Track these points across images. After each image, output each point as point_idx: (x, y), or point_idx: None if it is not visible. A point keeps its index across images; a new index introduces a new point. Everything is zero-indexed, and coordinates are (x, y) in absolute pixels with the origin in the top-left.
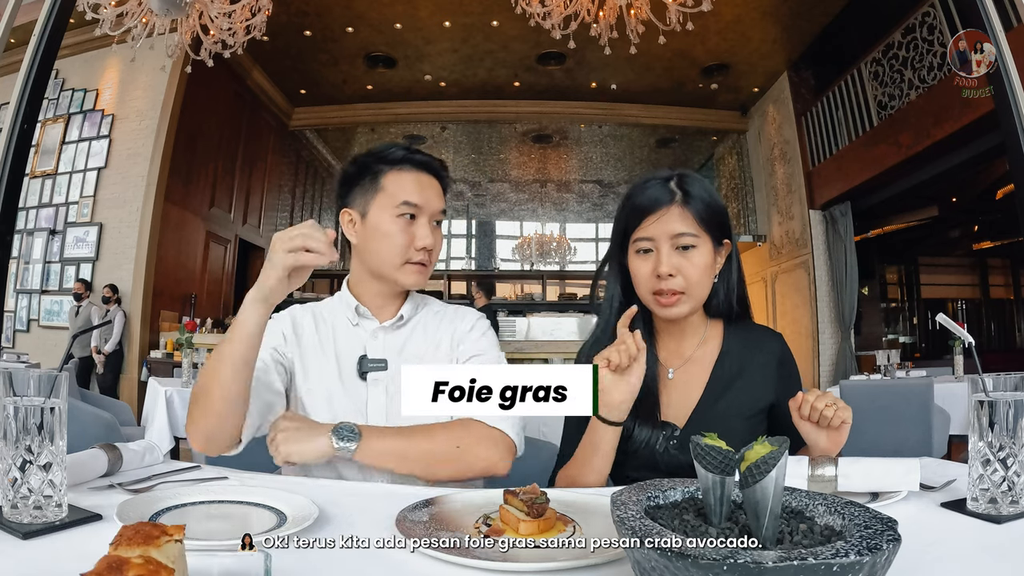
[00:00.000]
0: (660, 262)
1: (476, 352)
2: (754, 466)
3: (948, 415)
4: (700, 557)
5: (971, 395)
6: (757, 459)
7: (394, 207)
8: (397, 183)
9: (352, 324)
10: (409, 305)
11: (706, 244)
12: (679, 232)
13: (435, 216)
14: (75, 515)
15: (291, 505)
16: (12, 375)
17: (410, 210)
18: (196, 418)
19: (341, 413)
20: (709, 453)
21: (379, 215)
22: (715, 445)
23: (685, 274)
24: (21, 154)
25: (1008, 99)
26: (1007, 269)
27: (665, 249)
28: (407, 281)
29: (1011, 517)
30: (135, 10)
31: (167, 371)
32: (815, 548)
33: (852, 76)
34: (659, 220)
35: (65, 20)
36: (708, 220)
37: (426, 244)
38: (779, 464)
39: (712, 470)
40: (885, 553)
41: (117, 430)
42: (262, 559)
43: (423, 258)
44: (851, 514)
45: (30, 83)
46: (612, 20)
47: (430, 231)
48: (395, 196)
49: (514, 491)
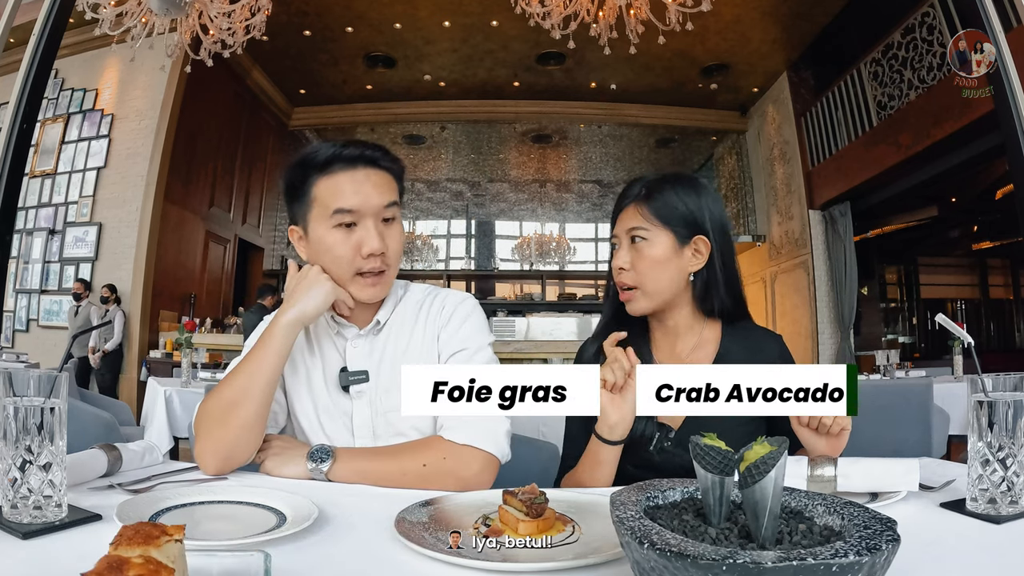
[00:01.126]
0: (616, 257)
1: (458, 347)
2: (753, 466)
3: (947, 415)
4: (699, 557)
5: (970, 395)
6: (756, 459)
7: (328, 217)
8: (327, 190)
9: (334, 333)
10: (386, 307)
11: (660, 237)
12: (631, 227)
13: (381, 213)
14: (75, 515)
15: (291, 505)
16: (12, 375)
17: (346, 218)
18: (217, 438)
19: (329, 428)
20: (708, 453)
21: (316, 229)
22: (714, 445)
23: (636, 267)
24: (20, 153)
25: (1008, 99)
26: (1007, 269)
27: (624, 244)
28: (361, 296)
29: (1010, 517)
30: (135, 10)
31: (166, 371)
32: (814, 548)
33: (852, 76)
34: (621, 218)
35: (65, 20)
36: (666, 215)
37: (372, 249)
38: (778, 465)
39: (711, 470)
40: (884, 553)
41: (117, 430)
42: (262, 559)
43: (374, 265)
44: (850, 514)
45: (30, 83)
46: (612, 20)
47: (376, 233)
48: (327, 205)
49: (513, 491)
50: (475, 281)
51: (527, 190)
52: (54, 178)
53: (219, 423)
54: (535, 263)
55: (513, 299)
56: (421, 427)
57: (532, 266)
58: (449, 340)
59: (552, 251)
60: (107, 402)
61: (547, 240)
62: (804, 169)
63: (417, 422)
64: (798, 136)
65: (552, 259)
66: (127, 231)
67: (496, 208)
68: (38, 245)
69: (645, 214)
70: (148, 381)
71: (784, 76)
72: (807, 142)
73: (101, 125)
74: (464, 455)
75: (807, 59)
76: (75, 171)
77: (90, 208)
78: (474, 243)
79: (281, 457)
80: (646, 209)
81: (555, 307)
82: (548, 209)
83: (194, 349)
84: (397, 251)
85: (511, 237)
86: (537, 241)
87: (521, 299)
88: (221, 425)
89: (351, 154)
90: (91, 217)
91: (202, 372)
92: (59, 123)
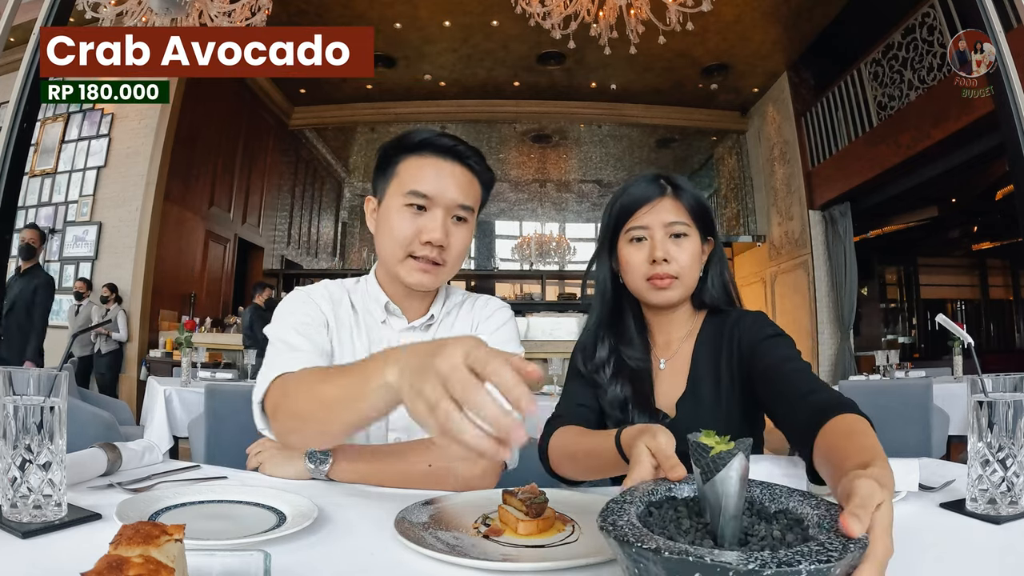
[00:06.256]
0: (655, 247)
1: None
2: (710, 460)
3: (947, 415)
4: (666, 550)
5: (970, 396)
6: (712, 455)
7: (402, 195)
8: (410, 170)
9: (380, 321)
10: (439, 303)
11: (695, 235)
12: (672, 220)
13: (453, 209)
14: (74, 514)
15: (291, 505)
16: (12, 374)
17: (418, 200)
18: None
19: None
20: (698, 450)
21: (388, 203)
22: (704, 443)
23: (678, 260)
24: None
25: (1008, 99)
26: (1006, 270)
27: (659, 236)
28: (408, 279)
29: (1010, 518)
30: (135, 9)
31: (166, 370)
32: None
33: (852, 76)
34: (652, 210)
35: (65, 20)
36: (696, 214)
37: (432, 238)
38: (731, 464)
39: (708, 473)
40: (858, 555)
41: (116, 429)
42: (262, 559)
43: (429, 254)
44: (825, 508)
45: (29, 82)
46: (612, 20)
47: (441, 224)
48: (405, 184)
49: (513, 491)
50: (475, 281)
51: (527, 190)
52: (54, 177)
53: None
54: (535, 263)
55: (513, 299)
56: None
57: (532, 266)
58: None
59: (552, 251)
60: (107, 401)
61: (547, 240)
62: (804, 169)
63: None
64: (798, 136)
65: (552, 259)
66: (127, 230)
67: (496, 208)
68: None
69: (682, 210)
70: (148, 380)
71: (784, 76)
72: (807, 142)
73: (101, 124)
74: (475, 456)
75: (807, 59)
76: (75, 170)
77: (90, 207)
78: (474, 243)
79: (281, 457)
80: (681, 204)
81: (555, 307)
82: (548, 209)
83: (194, 348)
84: (459, 251)
85: (511, 237)
86: (537, 241)
87: (521, 299)
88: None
89: (444, 144)
90: (91, 216)
91: (202, 371)
92: (59, 122)
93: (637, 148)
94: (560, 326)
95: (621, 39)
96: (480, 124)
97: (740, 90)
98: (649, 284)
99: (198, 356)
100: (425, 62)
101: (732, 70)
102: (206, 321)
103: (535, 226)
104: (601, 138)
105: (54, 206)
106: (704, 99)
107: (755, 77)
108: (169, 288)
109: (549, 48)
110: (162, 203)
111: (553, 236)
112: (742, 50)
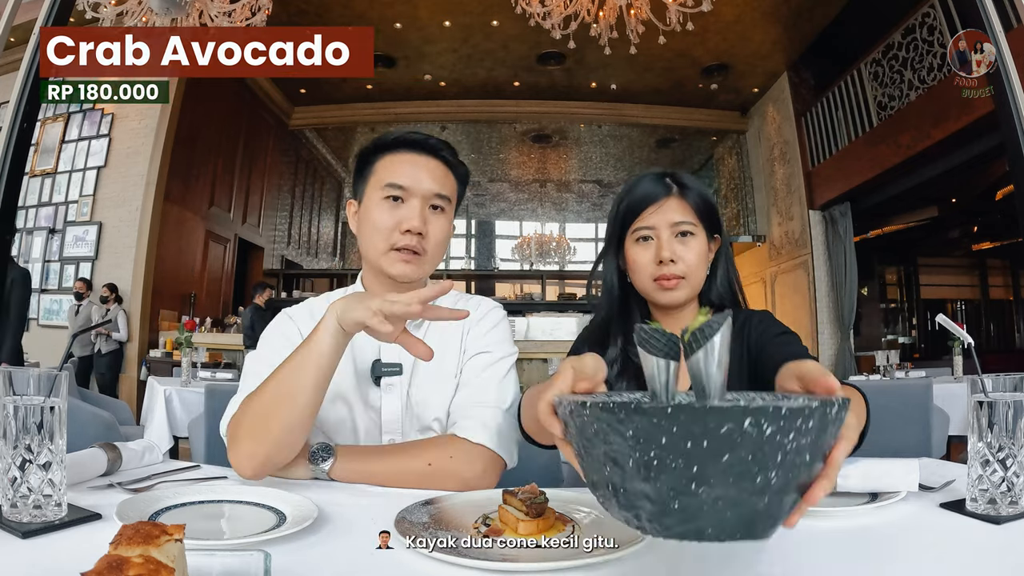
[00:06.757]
0: (661, 248)
1: (482, 348)
2: (697, 331)
3: (947, 416)
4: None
5: (970, 396)
6: (698, 326)
7: (380, 189)
8: (386, 166)
9: None
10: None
11: (701, 234)
12: (678, 220)
13: (429, 199)
14: (74, 514)
15: (291, 505)
16: (12, 374)
17: (394, 192)
18: (261, 441)
19: (359, 420)
20: (653, 336)
21: (368, 201)
22: (658, 328)
23: (685, 260)
24: (20, 153)
25: (1008, 99)
26: (1006, 270)
27: (665, 236)
28: (391, 270)
29: (1010, 518)
30: (135, 9)
31: (166, 370)
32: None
33: (852, 76)
34: (659, 210)
35: (65, 20)
36: (703, 212)
37: (411, 226)
38: (720, 332)
39: (656, 353)
40: (836, 406)
41: (116, 429)
42: (262, 559)
43: (409, 243)
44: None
45: (30, 82)
46: (612, 20)
47: (419, 213)
48: (382, 179)
49: (513, 491)
50: (475, 281)
51: (527, 190)
52: (54, 177)
53: (256, 427)
54: (535, 263)
55: (513, 299)
56: (445, 422)
57: (532, 266)
58: (476, 340)
59: (552, 251)
60: (107, 401)
61: (547, 240)
62: (804, 169)
63: (442, 416)
64: (798, 136)
65: (552, 259)
66: (127, 230)
67: (496, 208)
68: (38, 244)
69: (688, 209)
70: (148, 380)
71: (784, 76)
72: (807, 142)
73: (101, 124)
74: (473, 455)
75: (807, 59)
76: (75, 170)
77: (90, 207)
78: (474, 243)
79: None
80: (688, 204)
81: (555, 307)
82: (548, 209)
83: (194, 348)
84: (438, 240)
85: (511, 237)
86: (537, 241)
87: (521, 299)
88: (261, 427)
89: (416, 138)
90: (91, 216)
91: (202, 371)
92: (59, 122)
93: (637, 148)
94: (560, 326)
95: (621, 39)
96: (480, 124)
97: (740, 90)
98: (656, 284)
99: (198, 356)
100: (425, 62)
101: (732, 70)
102: (206, 321)
103: (535, 226)
104: (601, 138)
105: (54, 206)
106: (704, 99)
107: (755, 77)
108: (169, 288)
109: (549, 48)
110: (162, 203)
111: (553, 236)
112: (742, 50)
